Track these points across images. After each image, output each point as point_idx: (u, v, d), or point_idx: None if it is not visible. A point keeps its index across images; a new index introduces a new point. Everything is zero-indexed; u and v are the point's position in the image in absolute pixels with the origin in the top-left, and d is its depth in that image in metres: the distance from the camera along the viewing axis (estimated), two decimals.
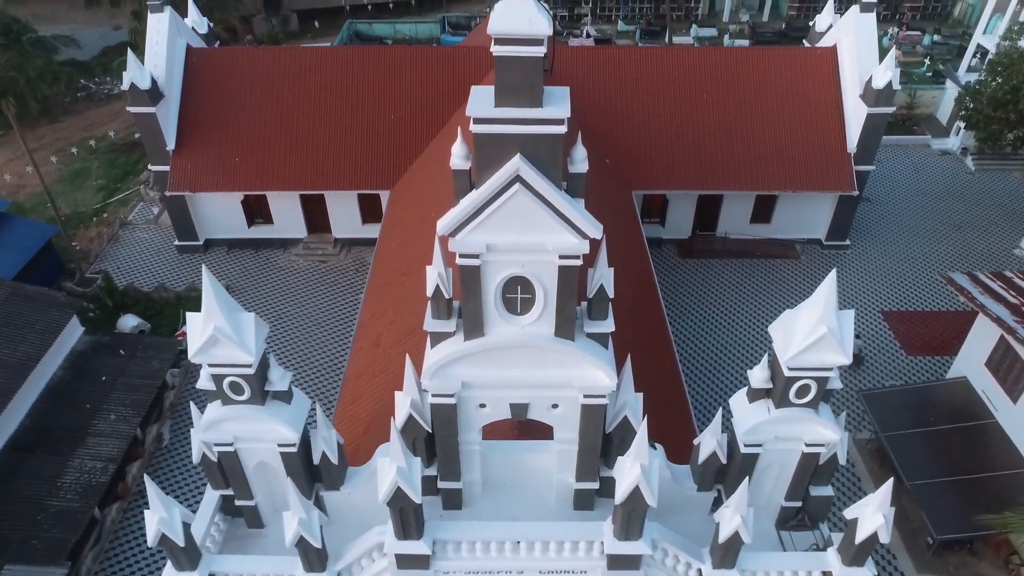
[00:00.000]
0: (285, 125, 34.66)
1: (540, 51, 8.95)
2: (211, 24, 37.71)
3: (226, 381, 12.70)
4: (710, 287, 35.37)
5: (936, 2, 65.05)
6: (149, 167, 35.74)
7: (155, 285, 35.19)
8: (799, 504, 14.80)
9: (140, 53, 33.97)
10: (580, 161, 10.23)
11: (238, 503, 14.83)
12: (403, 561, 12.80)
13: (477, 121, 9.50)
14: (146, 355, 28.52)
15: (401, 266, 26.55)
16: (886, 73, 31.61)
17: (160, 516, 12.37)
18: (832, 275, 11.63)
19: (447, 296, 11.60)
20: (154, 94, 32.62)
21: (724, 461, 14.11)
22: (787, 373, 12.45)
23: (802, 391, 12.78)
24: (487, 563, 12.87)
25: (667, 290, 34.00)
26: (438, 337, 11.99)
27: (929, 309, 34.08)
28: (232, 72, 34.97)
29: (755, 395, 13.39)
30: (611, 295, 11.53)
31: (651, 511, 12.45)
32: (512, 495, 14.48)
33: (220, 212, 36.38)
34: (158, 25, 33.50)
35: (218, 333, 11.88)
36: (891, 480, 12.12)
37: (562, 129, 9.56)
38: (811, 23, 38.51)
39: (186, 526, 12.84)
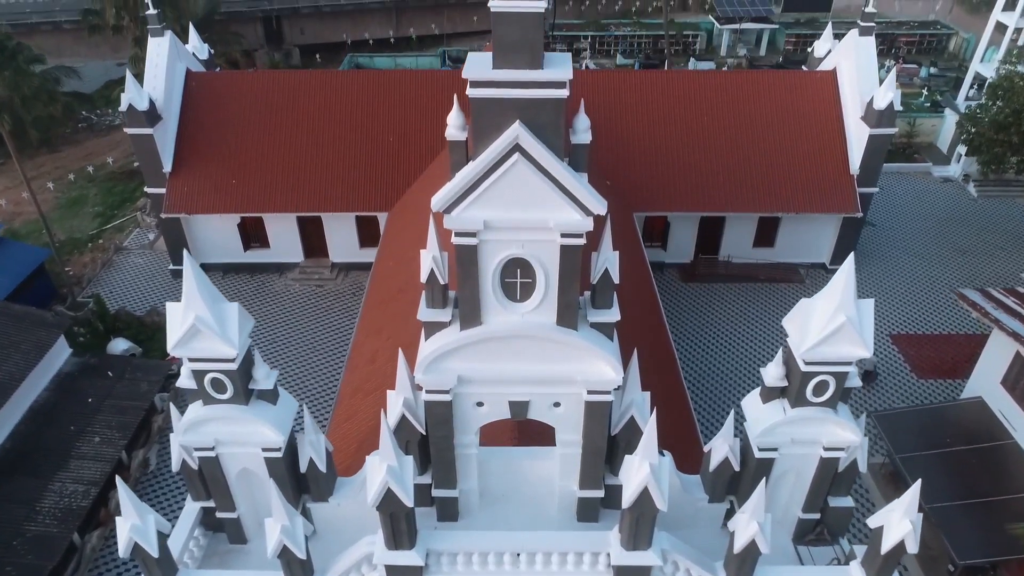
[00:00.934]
0: (283, 147, 34.45)
1: (541, 5, 8.48)
2: (212, 51, 37.75)
3: (207, 378, 11.95)
4: (713, 312, 34.71)
5: (931, 37, 65.80)
6: (145, 189, 35.39)
7: (148, 309, 34.50)
8: (817, 516, 13.89)
9: (141, 79, 33.93)
10: (583, 131, 9.70)
11: (220, 515, 13.91)
12: (394, 573, 11.87)
13: (474, 84, 8.98)
14: (135, 377, 27.70)
15: (398, 284, 25.94)
16: (887, 94, 31.49)
17: (132, 523, 11.50)
18: (850, 261, 10.98)
19: (442, 282, 10.93)
20: (152, 116, 32.44)
21: (737, 468, 13.25)
22: (803, 368, 11.70)
23: (819, 388, 12.02)
24: (485, 574, 11.94)
25: (670, 315, 33.28)
26: (432, 328, 11.29)
27: (938, 332, 33.36)
28: (231, 95, 34.89)
29: (769, 394, 12.62)
30: (616, 280, 10.87)
31: (660, 520, 11.61)
32: (511, 506, 13.59)
33: (216, 236, 35.91)
34: (158, 49, 33.52)
35: (199, 323, 11.19)
36: (918, 482, 11.28)
37: (564, 93, 9.04)
38: (809, 49, 38.65)
39: (162, 536, 11.95)
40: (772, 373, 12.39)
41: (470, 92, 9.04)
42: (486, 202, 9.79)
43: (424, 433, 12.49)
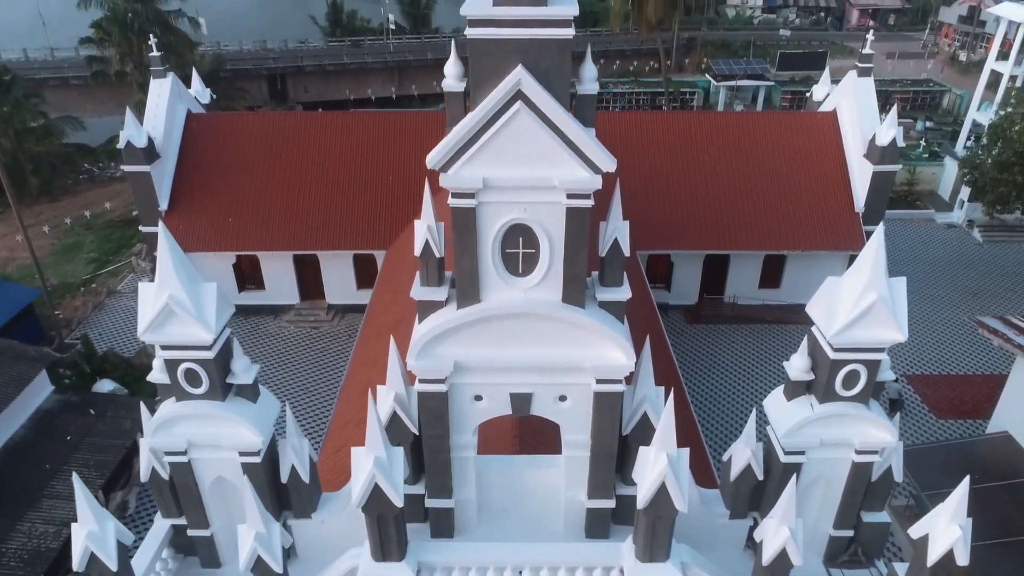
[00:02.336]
0: (281, 187, 34.14)
1: None
2: (214, 95, 37.96)
3: (181, 369, 10.95)
4: (721, 354, 33.63)
5: (925, 94, 66.84)
6: (140, 228, 34.86)
7: (136, 350, 33.42)
8: (851, 534, 12.59)
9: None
10: (590, 80, 9.04)
11: (191, 533, 12.62)
12: None
13: (473, 23, 8.36)
14: (117, 415, 26.41)
15: (395, 315, 25.03)
16: (889, 131, 31.33)
17: (89, 531, 10.29)
18: (879, 234, 10.14)
19: (438, 255, 10.10)
20: (150, 153, 32.20)
21: (760, 477, 12.06)
22: (832, 355, 10.71)
23: (850, 380, 10.99)
24: None
25: (676, 357, 32.22)
26: (427, 308, 10.37)
27: (955, 373, 32.20)
28: (230, 136, 34.82)
29: (794, 390, 11.57)
30: (626, 253, 10.02)
31: (676, 535, 10.42)
32: (512, 521, 12.31)
33: (210, 277, 34.28)
34: (159, 89, 33.60)
35: (173, 304, 10.28)
36: (967, 480, 10.14)
37: (570, 33, 8.41)
38: (807, 93, 38.85)
39: (123, 548, 10.71)
40: (797, 365, 11.38)
41: (468, 32, 8.42)
42: (486, 158, 9.05)
43: (417, 434, 11.38)
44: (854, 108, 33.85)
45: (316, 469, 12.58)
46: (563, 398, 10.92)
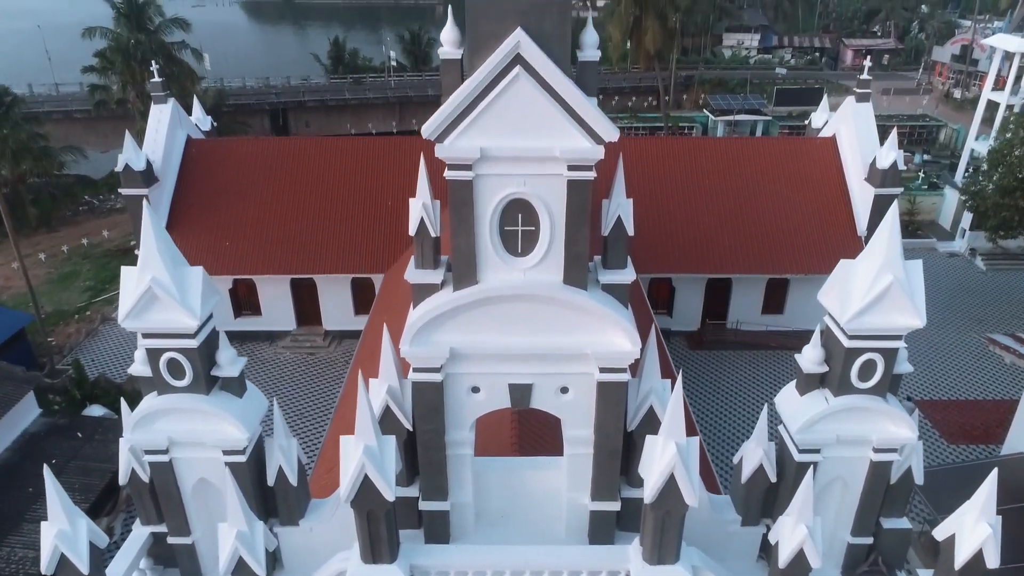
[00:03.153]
0: (280, 211, 33.92)
1: None
2: (215, 123, 38.05)
3: (163, 359, 10.41)
4: (725, 380, 33.00)
5: (921, 128, 67.36)
6: (136, 252, 34.47)
7: (128, 376, 32.75)
8: (870, 541, 11.88)
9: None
10: (591, 47, 8.73)
11: (172, 541, 11.90)
12: None
13: None
14: (105, 439, 25.67)
15: (392, 336, 24.47)
16: (890, 153, 31.25)
17: (60, 529, 9.65)
18: (893, 213, 9.73)
19: (433, 234, 9.67)
20: (148, 177, 32.03)
21: (773, 479, 11.42)
22: (847, 343, 10.19)
23: (866, 370, 10.44)
24: None
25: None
26: (422, 292, 9.90)
27: (964, 398, 31.49)
28: (229, 160, 34.77)
29: (808, 383, 11.00)
30: (630, 232, 9.61)
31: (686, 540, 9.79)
32: (512, 527, 11.61)
33: None
34: (160, 114, 33.65)
35: (156, 287, 9.80)
36: (994, 474, 9.54)
37: None
38: (806, 121, 38.97)
39: (96, 550, 10.06)
40: (810, 357, 10.85)
41: None
42: (483, 127, 8.69)
43: (411, 430, 10.79)
44: (853, 133, 33.85)
45: (304, 472, 11.94)
46: (565, 390, 10.37)
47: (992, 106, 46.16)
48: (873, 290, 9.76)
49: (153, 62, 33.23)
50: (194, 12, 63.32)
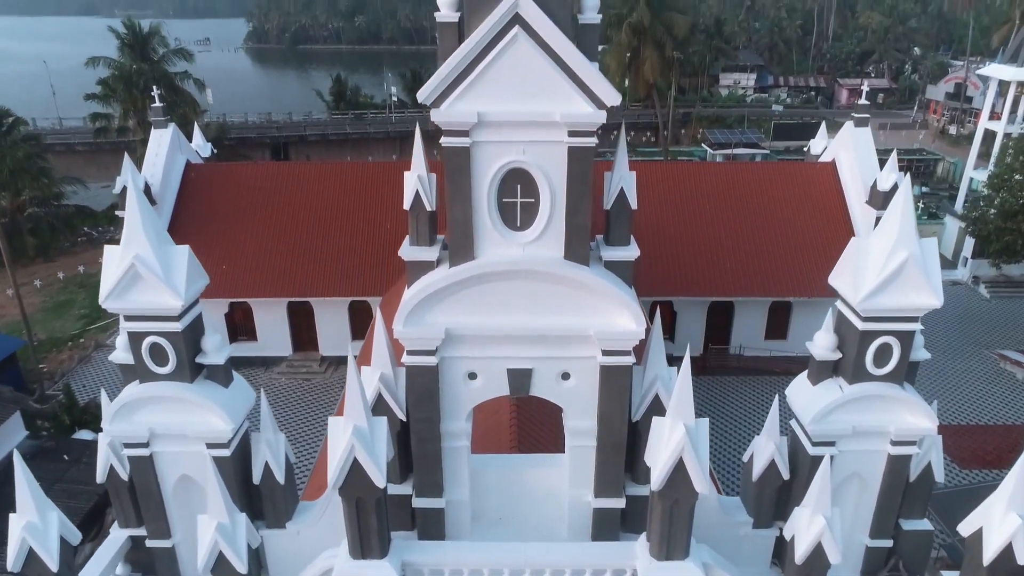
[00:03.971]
0: (279, 235, 33.67)
1: None
2: (215, 150, 38.10)
3: (146, 343, 9.95)
4: (728, 407, 32.31)
5: (919, 162, 67.71)
6: None
7: None
8: (890, 544, 11.22)
9: None
10: (592, 9, 8.50)
11: (150, 543, 11.25)
12: None
13: None
14: (92, 461, 24.70)
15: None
16: (890, 176, 31.14)
17: (28, 522, 9.07)
18: (905, 188, 9.38)
19: (429, 208, 9.31)
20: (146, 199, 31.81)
21: (786, 476, 10.84)
22: (861, 326, 9.74)
23: (882, 356, 9.97)
24: None
25: None
26: (417, 271, 9.49)
27: (975, 423, 30.78)
28: (228, 185, 34.65)
29: (820, 372, 10.52)
30: (634, 206, 9.25)
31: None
32: (511, 527, 10.98)
33: None
34: (160, 138, 33.66)
35: (139, 264, 9.41)
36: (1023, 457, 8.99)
37: None
38: (805, 148, 39.06)
39: (66, 546, 9.45)
40: (822, 343, 10.40)
41: None
42: (481, 90, 8.41)
43: (404, 420, 10.26)
44: (853, 157, 33.84)
45: (292, 471, 11.36)
46: (566, 376, 9.89)
47: (989, 138, 46.34)
48: (887, 268, 9.36)
49: (155, 87, 33.36)
50: (199, 55, 64.11)
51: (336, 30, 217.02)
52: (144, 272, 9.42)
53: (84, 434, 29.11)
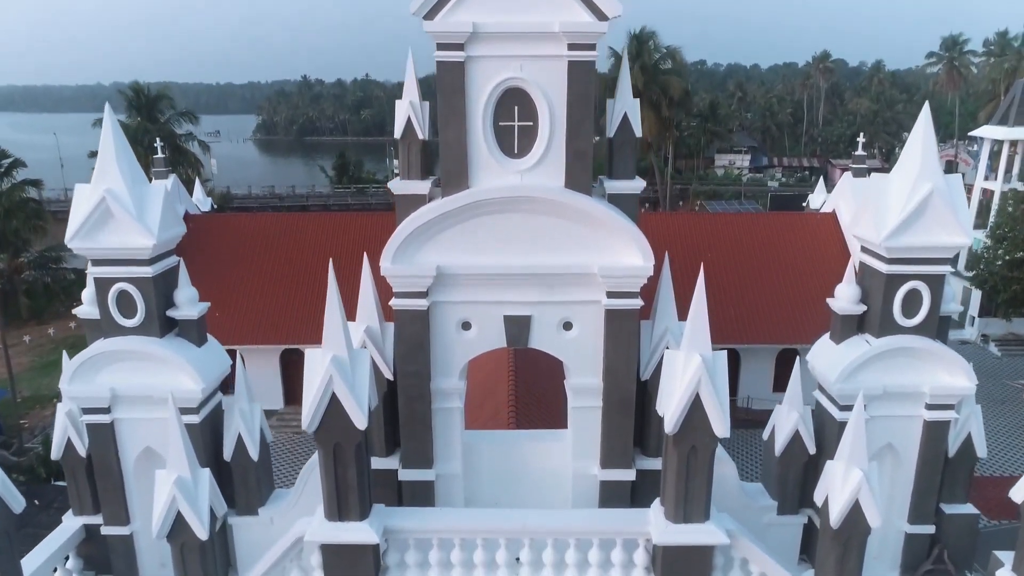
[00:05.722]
0: (274, 282, 33.24)
1: None
2: (215, 205, 38.21)
3: (113, 291, 9.18)
4: (736, 462, 30.75)
5: None
6: None
7: None
8: (931, 530, 10.04)
9: None
10: None
11: (106, 531, 10.09)
12: (335, 560, 8.07)
13: None
14: (63, 507, 23.32)
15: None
16: None
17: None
18: (925, 116, 8.87)
19: (421, 136, 8.79)
20: None
21: (812, 450, 9.83)
22: (886, 269, 9.04)
23: (911, 304, 9.20)
24: None
25: None
26: (407, 205, 8.86)
27: (999, 475, 29.30)
28: (226, 234, 34.46)
29: (844, 329, 9.72)
30: (638, 133, 8.73)
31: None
32: (508, 505, 9.83)
33: None
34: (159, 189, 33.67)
35: (110, 199, 8.79)
36: None
37: None
38: (804, 204, 39.16)
39: (5, 512, 8.40)
40: (844, 294, 9.66)
41: None
42: (476, 0, 8.03)
43: (391, 379, 9.37)
44: (853, 208, 33.76)
45: (268, 450, 10.35)
46: (568, 326, 9.08)
47: (984, 211, 46.28)
48: (911, 202, 8.73)
49: (158, 139, 33.71)
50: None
51: (342, 123, 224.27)
52: (115, 208, 8.79)
53: (59, 485, 27.67)
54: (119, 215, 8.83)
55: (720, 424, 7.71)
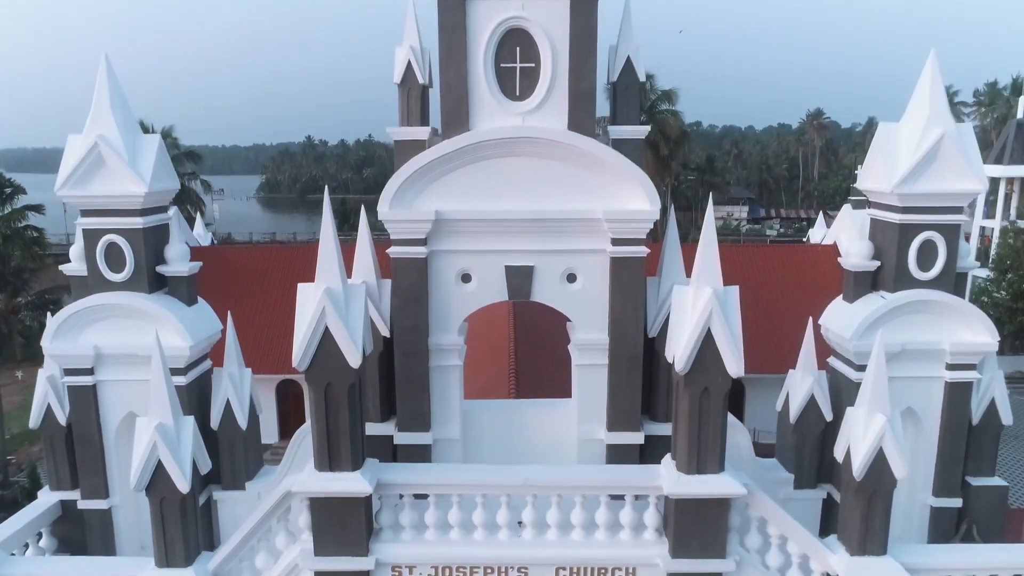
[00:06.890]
0: (271, 314, 32.79)
1: None
2: (215, 241, 38.22)
3: (102, 244, 8.90)
4: None
5: None
6: None
7: None
8: (959, 503, 9.47)
9: None
10: None
11: (83, 505, 9.51)
12: (324, 515, 7.53)
13: None
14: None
15: None
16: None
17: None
18: (932, 63, 8.75)
19: (421, 81, 8.65)
20: None
21: (829, 417, 9.38)
22: (899, 218, 8.76)
23: (926, 255, 8.88)
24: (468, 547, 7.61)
25: None
26: (406, 150, 8.65)
27: (1017, 507, 28.30)
28: (225, 265, 34.22)
29: (857, 287, 9.39)
30: (641, 78, 8.59)
31: None
32: None
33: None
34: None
35: (103, 145, 8.59)
36: None
37: None
38: (804, 239, 39.16)
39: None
40: (855, 251, 9.37)
41: None
42: None
43: (388, 336, 8.97)
44: (852, 238, 33.72)
45: (257, 420, 9.89)
46: (572, 278, 8.76)
47: (982, 255, 46.24)
48: (922, 147, 8.53)
49: None
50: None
51: (345, 181, 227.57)
52: (108, 154, 8.58)
53: None
54: (111, 161, 8.62)
55: (734, 362, 7.30)
